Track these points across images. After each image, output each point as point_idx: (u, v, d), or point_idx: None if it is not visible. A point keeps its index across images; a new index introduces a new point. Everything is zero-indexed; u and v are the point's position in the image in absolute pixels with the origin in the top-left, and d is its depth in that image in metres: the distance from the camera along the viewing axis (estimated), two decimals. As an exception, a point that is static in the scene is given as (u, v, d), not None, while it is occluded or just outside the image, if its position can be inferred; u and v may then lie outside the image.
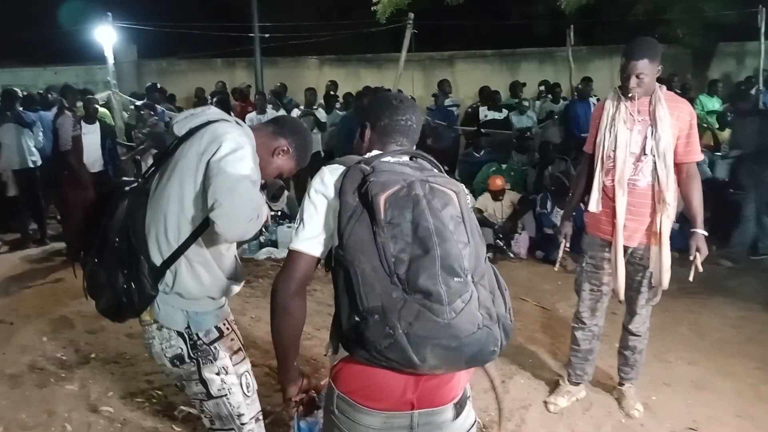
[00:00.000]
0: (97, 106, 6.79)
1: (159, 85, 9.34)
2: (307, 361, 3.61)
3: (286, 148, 2.01)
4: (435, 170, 1.59)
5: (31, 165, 6.74)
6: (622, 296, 3.07)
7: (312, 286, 5.05)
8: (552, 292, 5.09)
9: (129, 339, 4.24)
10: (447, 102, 9.37)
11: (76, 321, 4.60)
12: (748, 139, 5.94)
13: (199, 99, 10.65)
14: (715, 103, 8.73)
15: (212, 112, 1.95)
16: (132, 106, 8.89)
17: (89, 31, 9.50)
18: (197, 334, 1.93)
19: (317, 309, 4.70)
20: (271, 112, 8.23)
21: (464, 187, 1.63)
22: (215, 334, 1.97)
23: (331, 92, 9.34)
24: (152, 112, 7.63)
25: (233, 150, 1.77)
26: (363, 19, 10.85)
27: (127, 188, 1.88)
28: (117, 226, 1.84)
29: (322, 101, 8.90)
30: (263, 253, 6.20)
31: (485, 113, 9.00)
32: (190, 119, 1.93)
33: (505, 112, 9.06)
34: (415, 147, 1.72)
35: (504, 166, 7.51)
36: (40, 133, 6.85)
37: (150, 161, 2.00)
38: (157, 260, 1.84)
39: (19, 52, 12.56)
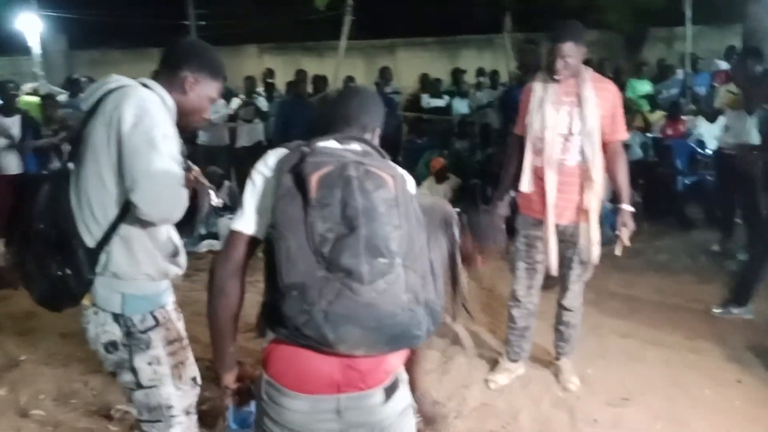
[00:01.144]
0: (15, 94, 6.31)
1: (83, 78, 8.96)
2: (249, 354, 3.57)
3: (191, 78, 1.88)
4: (377, 153, 1.59)
5: None
6: (554, 272, 3.16)
7: (255, 276, 4.96)
8: (491, 272, 5.18)
9: (62, 339, 4.08)
10: (388, 90, 9.38)
11: (4, 323, 4.40)
12: None
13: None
14: (645, 86, 9.05)
15: (114, 78, 1.84)
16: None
17: (12, 19, 9.05)
18: (132, 320, 1.87)
19: (259, 300, 4.65)
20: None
21: (407, 174, 1.63)
22: (151, 322, 1.91)
23: (268, 80, 9.20)
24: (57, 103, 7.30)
25: (138, 118, 1.70)
26: (302, 6, 10.71)
27: (45, 173, 1.85)
28: (41, 212, 1.78)
29: (261, 90, 8.76)
30: (204, 246, 6.06)
31: (427, 101, 9.07)
32: (94, 91, 1.83)
33: (446, 98, 9.14)
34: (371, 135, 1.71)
35: (446, 152, 7.59)
36: None
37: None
38: (90, 242, 1.79)
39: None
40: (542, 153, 3.03)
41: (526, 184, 3.12)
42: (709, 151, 6.57)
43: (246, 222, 1.55)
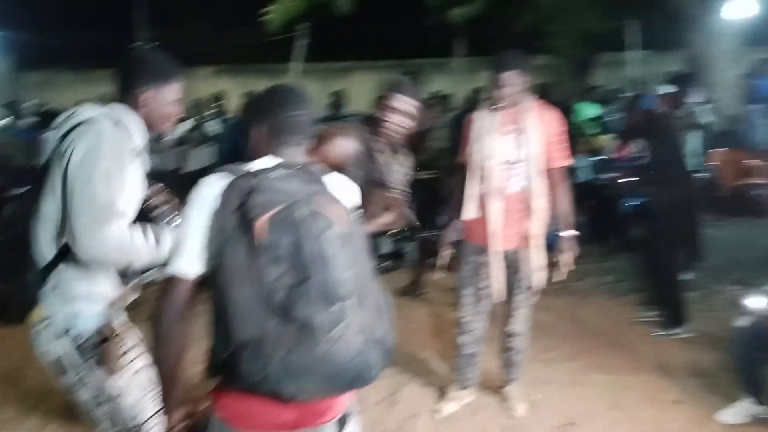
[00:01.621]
0: None
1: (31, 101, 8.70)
2: (196, 388, 3.47)
3: (150, 92, 1.93)
4: (321, 184, 1.55)
5: None
6: (500, 298, 3.19)
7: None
8: (443, 296, 5.19)
9: None
10: (343, 112, 9.41)
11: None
12: None
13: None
14: (592, 110, 9.31)
15: (83, 110, 1.89)
16: None
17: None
18: (82, 336, 1.88)
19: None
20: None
21: (355, 200, 1.63)
22: (102, 336, 1.90)
23: (218, 102, 9.12)
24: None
25: (84, 158, 1.77)
26: (257, 28, 10.69)
27: (12, 194, 1.86)
28: (9, 233, 1.84)
29: (211, 112, 8.67)
30: (148, 274, 5.92)
31: None
32: (64, 122, 1.89)
33: None
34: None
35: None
36: None
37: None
38: (42, 261, 1.85)
39: None
40: (486, 180, 3.07)
41: (470, 211, 3.15)
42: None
43: (188, 263, 1.50)
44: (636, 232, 6.55)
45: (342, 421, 1.58)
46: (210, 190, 1.51)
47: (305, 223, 1.40)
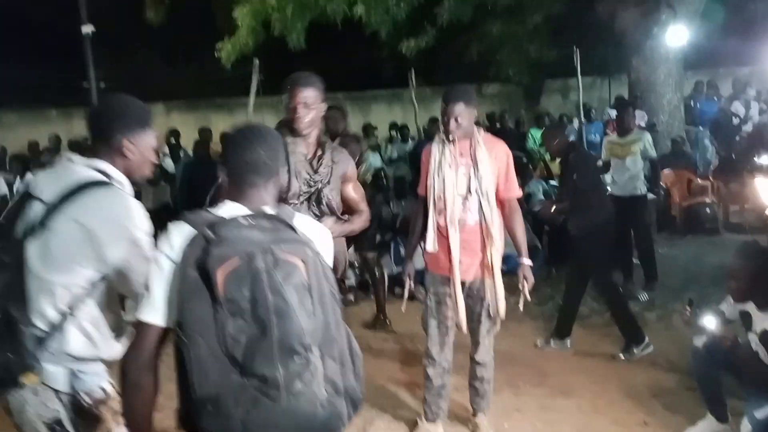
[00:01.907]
0: None
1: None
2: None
3: (127, 142, 1.90)
4: (287, 230, 1.52)
5: None
6: (464, 328, 3.20)
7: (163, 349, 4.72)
8: (411, 328, 5.16)
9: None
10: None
11: None
12: None
13: (33, 153, 9.80)
14: (545, 135, 9.56)
15: (79, 171, 1.84)
16: None
17: None
18: (81, 395, 1.83)
19: (170, 375, 4.40)
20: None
21: (321, 231, 1.63)
22: (100, 394, 1.87)
23: (172, 140, 9.00)
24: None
25: (128, 238, 1.79)
26: (209, 62, 10.66)
27: (6, 259, 1.75)
28: None
29: (166, 150, 8.56)
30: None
31: None
32: (55, 180, 1.82)
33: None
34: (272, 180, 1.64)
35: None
36: None
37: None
38: (43, 326, 1.77)
39: None
40: (444, 212, 3.10)
41: (431, 243, 3.17)
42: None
43: (156, 312, 1.49)
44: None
45: None
46: (176, 238, 1.50)
47: (264, 274, 1.38)
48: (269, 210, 1.56)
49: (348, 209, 2.88)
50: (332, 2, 8.34)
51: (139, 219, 1.83)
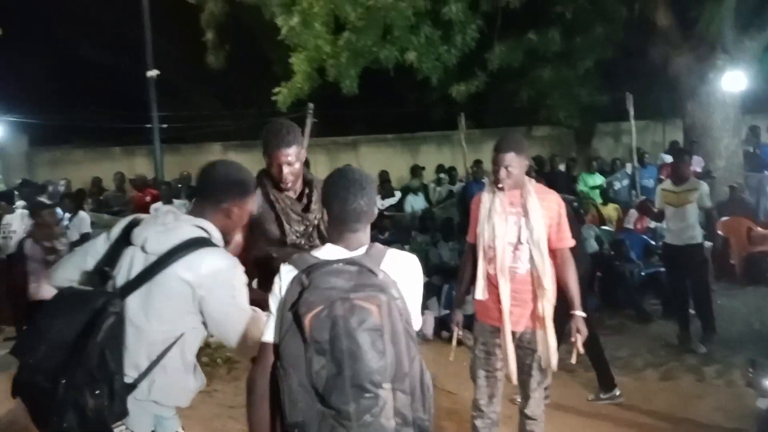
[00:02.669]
0: None
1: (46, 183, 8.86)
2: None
3: (234, 208, 2.05)
4: (370, 275, 1.69)
5: None
6: (515, 380, 3.14)
7: (212, 386, 4.81)
8: (457, 374, 5.10)
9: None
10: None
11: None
12: None
13: (98, 189, 10.30)
14: (596, 179, 9.45)
15: (185, 228, 1.94)
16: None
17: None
18: None
19: (217, 412, 4.47)
20: (179, 202, 8.10)
21: (414, 273, 1.80)
22: None
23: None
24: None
25: (228, 294, 1.91)
26: (265, 106, 11.03)
27: (110, 308, 1.81)
28: (98, 342, 1.78)
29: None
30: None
31: (380, 203, 9.33)
32: (164, 235, 1.91)
33: (398, 195, 9.43)
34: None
35: (407, 246, 7.67)
36: None
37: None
38: (133, 375, 1.87)
39: None
40: (494, 261, 3.09)
41: (480, 292, 3.16)
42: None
43: (275, 333, 1.73)
44: (650, 302, 6.54)
45: None
46: (283, 279, 1.76)
47: (341, 320, 1.59)
48: (362, 252, 1.78)
49: None
50: (385, 49, 8.54)
51: (239, 276, 1.95)
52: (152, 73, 10.00)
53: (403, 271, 1.79)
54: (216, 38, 11.61)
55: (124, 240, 1.96)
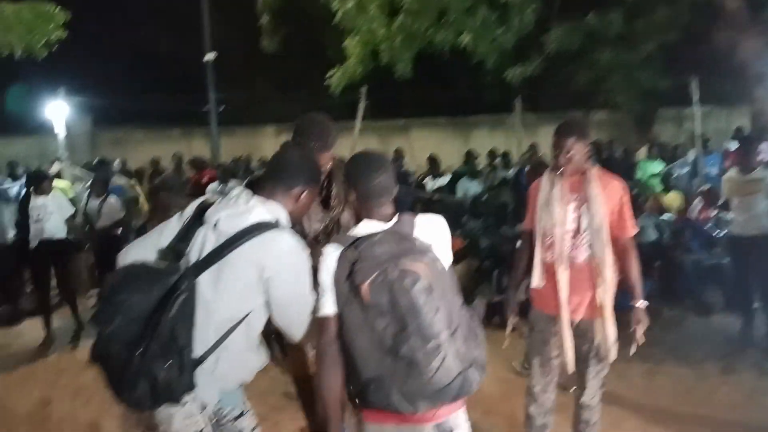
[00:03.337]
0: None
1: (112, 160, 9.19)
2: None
3: (305, 193, 2.12)
4: (408, 241, 1.88)
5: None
6: (571, 369, 3.10)
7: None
8: (509, 360, 5.08)
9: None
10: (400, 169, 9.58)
11: (18, 411, 4.38)
12: None
13: (155, 169, 10.62)
14: (657, 166, 9.14)
15: (256, 211, 1.99)
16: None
17: (42, 105, 9.42)
18: (224, 411, 2.02)
19: (272, 388, 4.58)
20: (234, 183, 8.26)
21: (444, 234, 1.99)
22: (238, 410, 2.08)
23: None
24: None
25: (294, 277, 1.97)
26: (318, 89, 11.11)
27: (184, 285, 1.89)
28: (171, 317, 1.86)
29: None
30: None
31: (431, 184, 9.28)
32: (236, 217, 1.97)
33: (447, 176, 9.37)
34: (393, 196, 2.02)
35: (458, 231, 7.61)
36: None
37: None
38: (201, 351, 1.94)
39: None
40: (552, 249, 3.04)
41: (537, 279, 3.12)
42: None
43: (331, 305, 1.90)
44: (711, 294, 6.32)
45: (441, 429, 1.92)
46: (330, 260, 1.91)
47: (397, 282, 1.77)
48: (393, 222, 1.96)
49: None
50: (440, 33, 8.47)
51: (304, 260, 2.01)
52: (210, 56, 10.19)
53: (434, 232, 1.99)
54: (271, 22, 11.76)
55: (197, 220, 2.03)
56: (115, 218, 6.83)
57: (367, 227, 1.96)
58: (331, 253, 1.93)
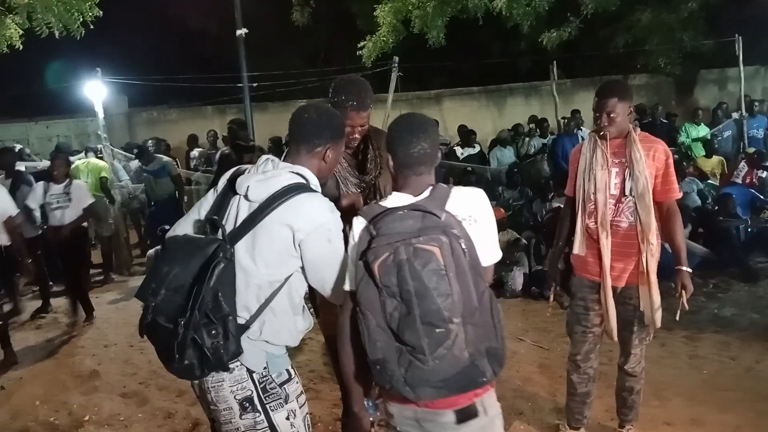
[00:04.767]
0: None
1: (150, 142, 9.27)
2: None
3: (328, 151, 2.09)
4: (432, 218, 1.76)
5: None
6: (614, 337, 3.05)
7: (307, 334, 5.01)
8: (548, 330, 5.06)
9: (123, 399, 4.20)
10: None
11: (69, 382, 4.56)
12: None
13: (191, 146, 10.76)
14: (700, 131, 8.86)
15: (284, 175, 2.00)
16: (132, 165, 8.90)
17: (79, 85, 9.58)
18: (271, 376, 2.02)
19: (313, 359, 4.67)
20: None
21: (457, 231, 1.77)
22: (286, 376, 2.05)
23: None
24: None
25: (325, 237, 1.95)
26: (349, 62, 11.03)
27: (221, 254, 1.91)
28: (211, 287, 1.88)
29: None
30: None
31: (460, 152, 9.19)
32: (264, 183, 1.98)
33: (477, 147, 9.28)
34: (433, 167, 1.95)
35: (494, 203, 7.55)
36: None
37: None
38: (245, 317, 1.96)
39: (9, 106, 12.65)
40: (594, 215, 2.98)
41: (579, 247, 3.06)
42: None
43: (353, 281, 1.85)
44: (757, 261, 6.17)
45: (462, 414, 1.81)
46: (355, 232, 1.88)
47: (406, 264, 1.68)
48: (426, 194, 1.87)
49: None
50: (474, -3, 8.27)
51: (335, 220, 1.99)
52: (241, 32, 10.17)
53: (469, 207, 1.88)
54: (301, -7, 11.64)
55: (230, 189, 2.05)
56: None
57: (396, 200, 1.89)
58: (356, 226, 1.89)
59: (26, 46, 6.93)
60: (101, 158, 8.56)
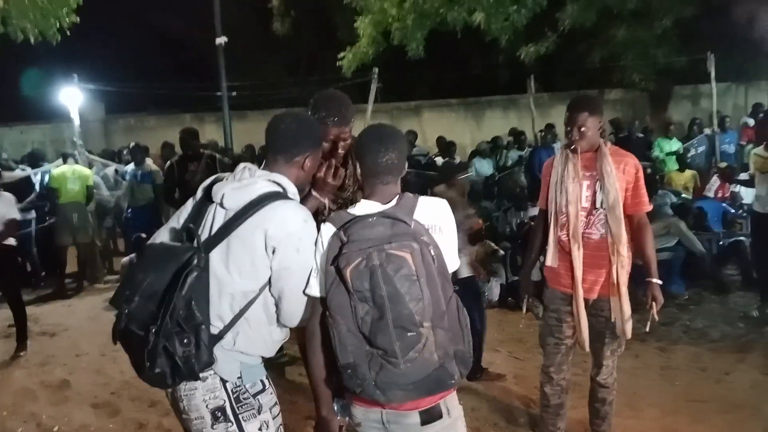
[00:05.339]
0: None
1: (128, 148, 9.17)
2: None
3: (307, 160, 2.08)
4: (402, 225, 1.78)
5: None
6: (587, 348, 3.09)
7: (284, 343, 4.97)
8: (524, 340, 5.09)
9: (94, 409, 4.13)
10: (414, 151, 9.53)
11: (38, 392, 4.47)
12: None
13: (170, 154, 10.65)
14: (673, 145, 9.03)
15: (260, 183, 1.98)
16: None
17: (55, 91, 9.47)
18: (245, 386, 2.00)
19: (288, 369, 4.64)
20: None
21: (431, 232, 1.85)
22: (260, 386, 2.04)
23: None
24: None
25: (294, 246, 1.92)
26: (329, 72, 11.06)
27: (195, 262, 1.89)
28: (183, 296, 1.86)
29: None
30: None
31: (440, 162, 9.26)
32: (240, 191, 1.96)
33: (457, 158, 9.34)
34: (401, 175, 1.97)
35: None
36: None
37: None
38: (219, 326, 1.94)
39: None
40: (567, 227, 3.02)
41: (551, 258, 3.10)
42: (742, 212, 6.48)
43: (321, 287, 1.86)
44: (729, 273, 6.28)
45: (427, 415, 1.84)
46: (324, 238, 1.88)
47: (379, 269, 1.70)
48: (393, 203, 1.89)
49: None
50: (453, 11, 8.36)
51: (308, 230, 1.95)
52: (220, 40, 10.13)
53: (434, 216, 1.91)
54: (281, 4, 11.66)
55: (207, 198, 2.03)
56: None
57: (364, 207, 1.91)
58: (326, 232, 1.89)
59: (1, 51, 6.85)
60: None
